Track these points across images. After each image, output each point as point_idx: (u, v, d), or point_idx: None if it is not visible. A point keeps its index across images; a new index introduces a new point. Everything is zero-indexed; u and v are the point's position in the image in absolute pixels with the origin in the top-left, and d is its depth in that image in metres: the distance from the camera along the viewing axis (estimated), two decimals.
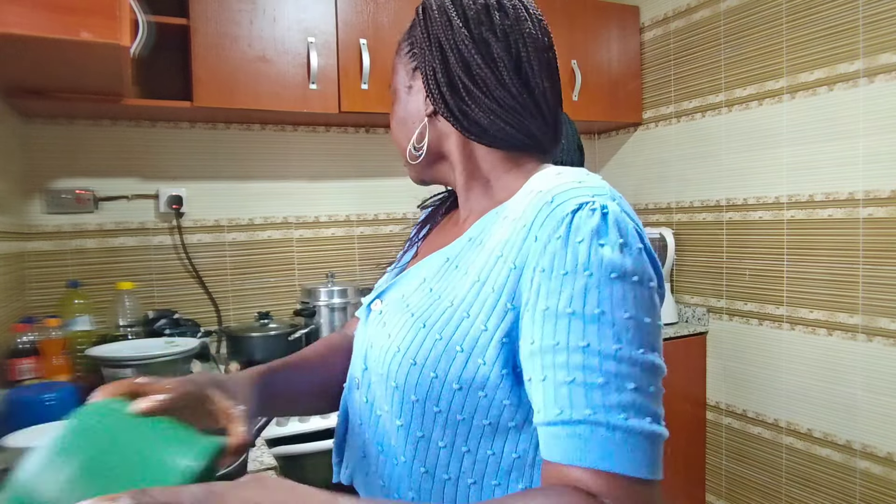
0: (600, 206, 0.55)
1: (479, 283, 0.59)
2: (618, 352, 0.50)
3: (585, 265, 0.52)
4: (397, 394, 0.61)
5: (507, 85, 0.63)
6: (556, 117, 0.68)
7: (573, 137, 1.77)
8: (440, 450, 0.60)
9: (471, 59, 0.63)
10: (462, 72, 0.64)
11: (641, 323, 0.51)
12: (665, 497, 1.90)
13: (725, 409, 2.42)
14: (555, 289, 0.52)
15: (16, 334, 1.56)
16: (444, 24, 0.65)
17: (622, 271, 0.52)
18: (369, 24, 2.10)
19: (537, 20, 0.66)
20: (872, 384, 1.92)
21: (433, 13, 0.67)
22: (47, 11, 1.10)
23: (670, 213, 2.60)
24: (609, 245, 0.53)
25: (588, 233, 0.53)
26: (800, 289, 2.12)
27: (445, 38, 0.65)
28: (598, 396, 0.48)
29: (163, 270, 2.17)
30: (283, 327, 2.03)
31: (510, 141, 0.65)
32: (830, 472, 2.05)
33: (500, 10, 0.64)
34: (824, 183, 2.02)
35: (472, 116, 0.64)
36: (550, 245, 0.54)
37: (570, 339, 0.50)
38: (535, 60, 0.64)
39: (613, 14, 2.60)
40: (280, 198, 2.33)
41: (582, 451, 0.48)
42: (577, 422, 0.49)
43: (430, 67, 0.66)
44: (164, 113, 2.05)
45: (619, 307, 0.51)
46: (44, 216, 2.01)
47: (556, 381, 0.50)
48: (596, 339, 0.50)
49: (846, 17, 1.93)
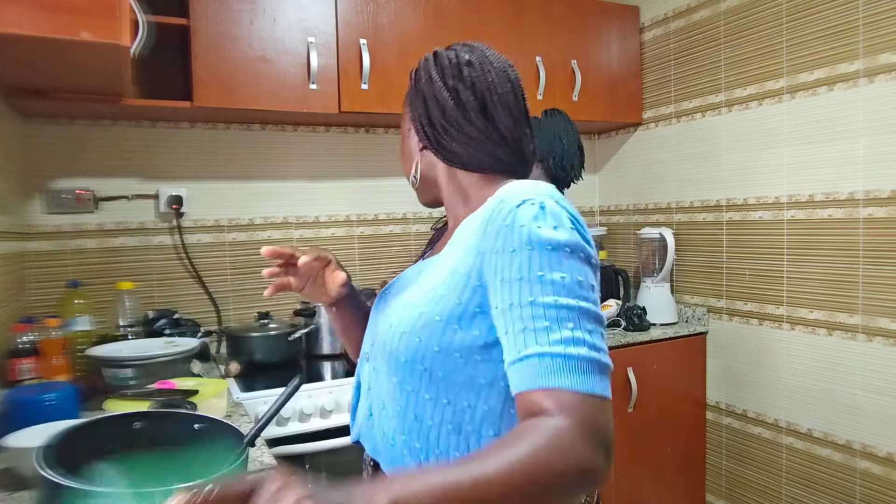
0: (539, 201, 0.71)
1: (454, 269, 0.76)
2: (556, 302, 0.64)
3: (528, 242, 0.68)
4: (392, 357, 0.79)
5: (474, 122, 0.82)
6: (519, 145, 0.86)
7: (573, 137, 1.77)
8: (426, 401, 0.77)
9: (445, 104, 0.83)
10: (439, 114, 0.83)
11: (575, 281, 0.66)
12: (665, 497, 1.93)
13: (725, 409, 2.42)
14: (507, 263, 0.68)
15: (16, 334, 1.56)
16: (426, 79, 0.86)
17: (556, 244, 0.67)
18: (369, 24, 2.10)
19: (501, 71, 0.85)
20: (872, 384, 1.92)
21: (420, 73, 0.88)
22: (47, 11, 1.10)
23: (670, 213, 2.60)
24: (545, 226, 0.68)
25: (528, 219, 0.69)
26: (800, 289, 2.12)
27: (427, 90, 0.85)
28: (543, 336, 0.63)
29: (163, 270, 2.17)
30: (283, 327, 2.03)
31: (482, 165, 0.84)
32: (830, 472, 2.05)
33: (468, 65, 0.84)
34: (824, 183, 2.02)
35: (450, 147, 0.84)
36: (501, 231, 0.70)
37: (521, 298, 0.66)
38: (498, 103, 0.83)
39: (613, 14, 2.60)
40: (280, 198, 2.33)
41: (534, 377, 0.62)
42: (528, 356, 0.63)
43: (416, 112, 0.87)
44: (164, 113, 2.05)
45: (555, 270, 0.66)
46: (44, 216, 2.01)
47: (514, 331, 0.65)
48: (539, 295, 0.65)
49: (846, 17, 1.93)
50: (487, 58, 0.85)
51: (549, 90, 2.42)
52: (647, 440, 2.35)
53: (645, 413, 2.33)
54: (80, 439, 0.80)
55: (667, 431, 2.40)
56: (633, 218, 2.80)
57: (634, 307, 2.44)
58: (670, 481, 2.42)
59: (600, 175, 2.99)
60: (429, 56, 0.88)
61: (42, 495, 0.70)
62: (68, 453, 0.74)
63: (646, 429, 2.34)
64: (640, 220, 2.75)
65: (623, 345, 2.28)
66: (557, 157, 1.72)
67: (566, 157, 1.73)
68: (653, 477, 2.38)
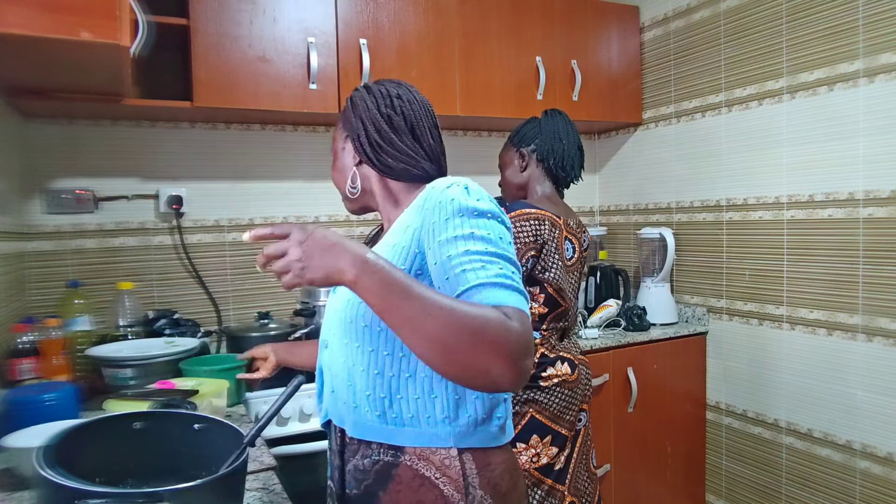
0: (462, 183, 0.89)
1: (395, 244, 0.92)
2: (486, 249, 0.80)
3: (458, 210, 0.84)
4: (352, 325, 0.93)
5: (405, 141, 1.01)
6: (439, 159, 1.05)
7: (573, 138, 1.77)
8: (385, 357, 0.91)
9: (381, 126, 1.01)
10: (376, 135, 1.01)
11: (496, 237, 0.83)
12: (665, 497, 1.94)
13: (725, 409, 2.42)
14: (442, 228, 0.84)
15: (16, 334, 1.56)
16: (364, 107, 1.03)
17: (480, 211, 0.85)
18: (369, 24, 2.10)
19: (423, 103, 1.05)
20: (872, 384, 1.92)
21: (356, 101, 1.05)
22: (47, 11, 1.10)
23: (670, 213, 2.60)
24: (470, 198, 0.86)
25: (457, 194, 0.86)
26: (800, 289, 2.12)
27: (365, 115, 1.02)
28: (482, 273, 0.78)
29: (163, 270, 2.17)
30: (283, 327, 2.03)
31: (410, 175, 1.02)
32: (830, 472, 2.05)
33: (398, 97, 1.03)
34: (824, 183, 2.02)
35: (385, 162, 1.01)
36: (436, 207, 0.86)
37: (457, 250, 0.80)
38: (423, 126, 1.03)
39: (613, 14, 2.60)
40: (280, 198, 2.33)
41: (482, 301, 0.76)
42: (470, 287, 0.77)
43: (355, 133, 1.03)
44: (164, 113, 2.05)
45: (482, 229, 0.83)
46: (44, 216, 2.01)
47: (455, 273, 0.79)
48: (472, 246, 0.80)
49: (846, 17, 1.93)
50: (411, 93, 1.05)
51: (549, 90, 2.42)
52: (647, 440, 2.35)
53: (645, 413, 2.33)
54: (80, 439, 0.80)
55: (667, 431, 2.40)
56: (633, 218, 2.80)
57: (634, 307, 2.43)
58: (670, 481, 2.42)
59: (600, 175, 2.99)
60: (361, 88, 1.06)
61: (42, 495, 0.70)
62: (68, 453, 0.74)
63: (646, 429, 2.34)
64: (640, 220, 2.75)
65: (623, 345, 2.28)
66: (557, 158, 1.72)
67: (566, 157, 1.73)
68: (653, 477, 2.38)
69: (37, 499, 0.70)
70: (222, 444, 0.83)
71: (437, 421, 0.90)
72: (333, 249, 0.74)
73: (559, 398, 1.58)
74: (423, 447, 0.90)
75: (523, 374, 0.72)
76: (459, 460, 0.90)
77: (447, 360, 0.71)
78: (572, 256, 1.68)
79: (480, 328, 0.70)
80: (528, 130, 1.76)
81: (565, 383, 1.59)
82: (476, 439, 0.91)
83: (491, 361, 0.70)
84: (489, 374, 0.71)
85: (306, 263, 0.75)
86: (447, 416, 0.90)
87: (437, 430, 0.90)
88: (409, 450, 0.90)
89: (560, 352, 1.63)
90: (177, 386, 1.39)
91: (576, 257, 1.70)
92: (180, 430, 0.87)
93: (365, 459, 0.93)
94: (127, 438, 0.84)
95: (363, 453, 0.94)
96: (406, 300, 0.71)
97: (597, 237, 2.81)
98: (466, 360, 0.70)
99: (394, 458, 0.91)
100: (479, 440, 0.92)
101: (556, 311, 1.62)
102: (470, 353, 0.70)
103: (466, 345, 0.70)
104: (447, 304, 0.71)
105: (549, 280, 1.59)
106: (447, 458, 0.89)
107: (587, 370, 1.70)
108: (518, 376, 0.71)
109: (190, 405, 1.22)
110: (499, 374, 0.70)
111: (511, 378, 0.71)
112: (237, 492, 0.81)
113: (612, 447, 2.27)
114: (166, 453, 0.84)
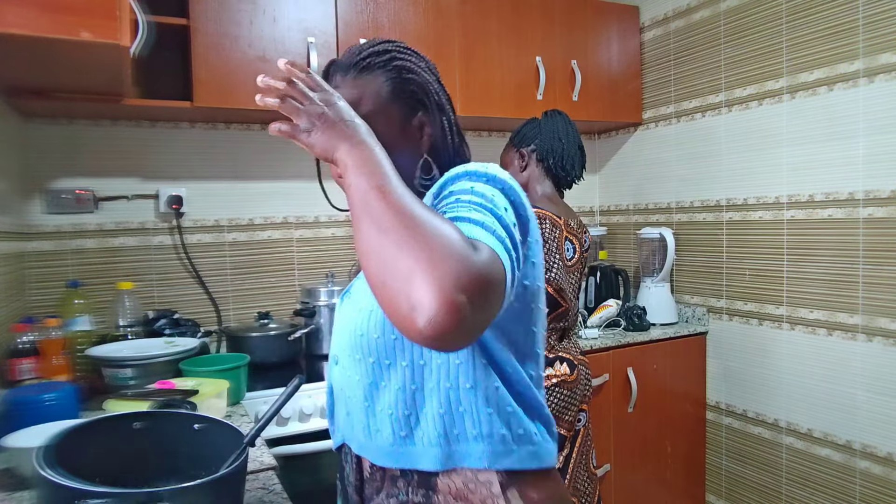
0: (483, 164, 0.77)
1: None
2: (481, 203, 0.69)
3: (466, 173, 0.74)
4: (363, 339, 0.80)
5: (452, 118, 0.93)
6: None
7: (573, 138, 1.77)
8: (404, 368, 0.78)
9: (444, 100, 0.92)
10: (451, 111, 0.92)
11: (501, 206, 0.70)
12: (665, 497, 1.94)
13: (725, 409, 2.42)
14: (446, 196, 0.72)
15: (16, 334, 1.56)
16: (425, 77, 0.89)
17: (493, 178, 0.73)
18: (369, 24, 2.10)
19: None
20: (872, 384, 1.92)
21: (413, 65, 0.89)
22: (47, 11, 1.10)
23: (670, 213, 2.60)
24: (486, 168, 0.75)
25: (470, 165, 0.76)
26: (800, 289, 2.12)
27: (431, 87, 0.89)
28: (464, 211, 0.67)
29: (163, 270, 2.17)
30: (283, 327, 2.03)
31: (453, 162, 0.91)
32: (830, 472, 2.05)
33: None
34: (824, 183, 2.02)
35: (453, 145, 0.91)
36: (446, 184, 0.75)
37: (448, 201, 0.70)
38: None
39: (613, 14, 2.60)
40: (280, 198, 2.33)
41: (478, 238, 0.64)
42: (455, 218, 0.66)
43: (435, 106, 0.89)
44: (164, 113, 2.05)
45: (486, 190, 0.71)
46: (44, 216, 2.01)
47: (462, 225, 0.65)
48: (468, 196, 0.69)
49: (846, 17, 1.93)
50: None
51: (549, 90, 2.42)
52: (647, 440, 2.35)
53: (645, 413, 2.33)
54: (80, 439, 0.80)
55: (667, 431, 2.40)
56: (633, 218, 2.80)
57: (634, 307, 2.43)
58: (670, 481, 2.41)
59: (600, 175, 2.99)
60: (403, 49, 0.89)
61: (42, 495, 0.70)
62: (68, 453, 0.74)
63: (646, 429, 2.34)
64: (640, 220, 2.75)
65: (623, 345, 2.28)
66: (557, 157, 1.72)
67: (566, 156, 1.73)
68: (653, 477, 2.38)
69: (37, 499, 0.70)
70: (222, 444, 0.83)
71: (468, 438, 0.77)
72: (346, 130, 0.68)
73: (558, 398, 1.58)
74: (457, 474, 0.77)
75: (450, 315, 0.53)
76: (504, 499, 0.76)
77: (373, 244, 0.58)
78: (573, 257, 1.68)
79: (427, 225, 0.57)
80: (528, 131, 1.76)
81: (564, 383, 1.59)
82: (514, 459, 0.77)
83: (416, 270, 0.54)
84: (407, 288, 0.54)
85: (317, 124, 0.68)
86: (479, 432, 0.77)
87: (468, 449, 0.77)
88: (443, 487, 0.77)
89: (559, 352, 1.63)
90: (177, 386, 1.38)
91: (576, 258, 1.70)
92: (180, 430, 0.87)
93: (391, 499, 0.81)
94: (127, 438, 0.84)
95: (388, 492, 0.81)
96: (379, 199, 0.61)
97: (597, 237, 2.81)
98: (390, 253, 0.56)
99: (425, 499, 0.78)
100: (518, 460, 0.78)
101: (557, 312, 1.62)
102: (400, 243, 0.56)
103: (401, 232, 0.57)
104: (418, 205, 0.60)
105: (549, 280, 1.59)
106: (489, 499, 0.76)
107: (587, 370, 1.70)
108: (443, 313, 0.52)
109: (190, 405, 1.22)
110: (418, 297, 0.53)
111: (431, 311, 0.52)
112: (237, 492, 0.81)
113: (612, 447, 2.27)
114: (166, 453, 0.84)
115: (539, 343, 0.84)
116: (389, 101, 0.86)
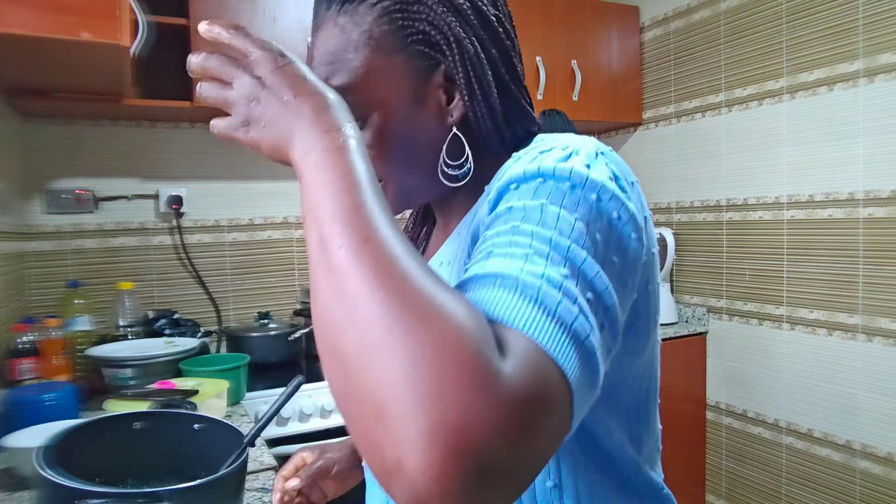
0: (575, 145, 0.50)
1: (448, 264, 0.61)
2: (548, 236, 0.42)
3: (538, 171, 0.47)
4: None
5: (518, 74, 0.62)
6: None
7: None
8: None
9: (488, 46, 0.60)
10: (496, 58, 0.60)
11: (593, 237, 0.44)
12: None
13: (725, 409, 2.42)
14: (504, 201, 0.47)
15: (16, 334, 1.56)
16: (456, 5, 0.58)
17: (581, 181, 0.46)
18: None
19: None
20: (872, 384, 1.92)
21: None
22: (47, 11, 1.10)
23: (670, 213, 2.60)
24: (567, 161, 0.47)
25: (548, 155, 0.49)
26: (800, 289, 2.12)
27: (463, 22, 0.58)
28: (511, 262, 0.40)
29: (163, 270, 2.17)
30: (283, 327, 2.03)
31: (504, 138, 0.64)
32: (830, 472, 2.05)
33: None
34: (824, 183, 2.02)
35: (499, 109, 0.60)
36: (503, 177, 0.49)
37: (499, 227, 0.44)
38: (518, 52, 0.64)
39: (613, 14, 2.60)
40: (280, 198, 2.33)
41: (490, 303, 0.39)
42: (476, 276, 0.41)
43: (461, 55, 0.57)
44: (164, 113, 2.05)
45: (567, 208, 0.44)
46: (44, 216, 2.01)
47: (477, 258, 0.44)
48: (525, 226, 0.43)
49: (846, 17, 1.93)
50: None
51: (549, 90, 2.42)
52: None
53: None
54: (80, 439, 0.80)
55: (666, 431, 2.38)
56: None
57: None
58: (670, 481, 2.40)
59: None
60: None
61: (42, 495, 0.70)
62: (68, 453, 0.74)
63: None
64: None
65: None
66: None
67: None
68: None
69: (37, 499, 0.70)
70: (222, 444, 0.83)
71: None
72: (298, 108, 0.45)
73: None
74: None
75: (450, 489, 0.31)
76: None
77: (328, 319, 0.37)
78: None
79: (419, 302, 0.34)
80: None
81: None
82: None
83: (389, 399, 0.32)
84: (375, 426, 0.33)
85: (255, 113, 0.47)
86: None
87: None
88: None
89: None
90: (177, 386, 1.39)
91: None
92: (180, 430, 0.87)
93: None
94: (127, 438, 0.84)
95: None
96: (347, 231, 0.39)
97: None
98: (352, 347, 0.35)
99: None
100: None
101: None
102: (367, 334, 0.34)
103: (373, 312, 0.35)
104: (406, 266, 0.36)
105: None
106: None
107: None
108: (437, 488, 0.31)
109: (190, 405, 1.22)
110: (392, 452, 0.32)
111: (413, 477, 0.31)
112: (237, 492, 0.80)
113: None
114: (166, 453, 0.84)
115: (654, 402, 0.62)
116: (390, 50, 0.56)
